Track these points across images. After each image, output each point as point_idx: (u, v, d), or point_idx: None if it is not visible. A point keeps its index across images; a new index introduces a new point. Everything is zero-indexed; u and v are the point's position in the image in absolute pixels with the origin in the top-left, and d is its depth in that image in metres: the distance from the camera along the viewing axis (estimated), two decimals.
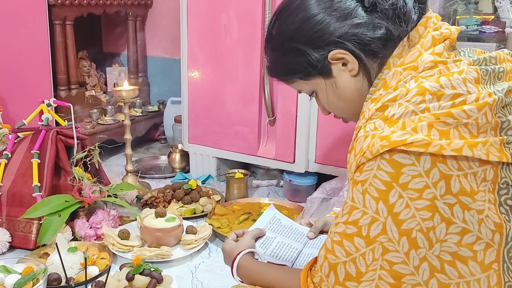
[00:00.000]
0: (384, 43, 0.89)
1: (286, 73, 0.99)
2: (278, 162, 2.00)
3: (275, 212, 1.31)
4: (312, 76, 0.95)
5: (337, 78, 0.93)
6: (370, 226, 0.79)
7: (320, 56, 0.91)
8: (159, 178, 2.27)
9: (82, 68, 2.71)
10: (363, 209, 0.79)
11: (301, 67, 0.94)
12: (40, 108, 1.77)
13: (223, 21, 1.98)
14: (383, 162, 0.77)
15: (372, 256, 0.79)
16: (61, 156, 1.68)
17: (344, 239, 0.82)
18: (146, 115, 2.71)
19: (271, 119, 1.99)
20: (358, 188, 0.80)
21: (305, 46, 0.92)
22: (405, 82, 0.84)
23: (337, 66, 0.92)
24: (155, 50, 2.87)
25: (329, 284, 0.84)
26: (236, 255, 1.09)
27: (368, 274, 0.79)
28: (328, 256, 0.84)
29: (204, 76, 2.09)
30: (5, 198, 1.60)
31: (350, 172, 0.84)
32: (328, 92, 0.96)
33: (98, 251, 1.53)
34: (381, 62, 0.91)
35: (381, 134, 0.79)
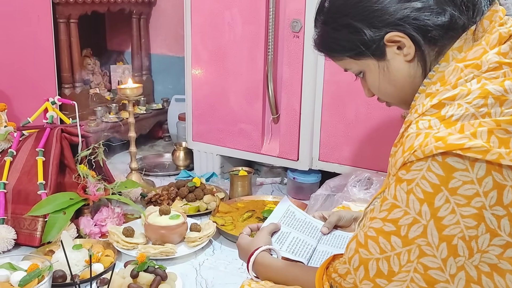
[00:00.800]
0: (445, 31, 0.84)
1: (336, 49, 0.95)
2: (282, 160, 2.00)
3: (289, 205, 1.29)
4: (364, 56, 0.91)
5: (390, 62, 0.89)
6: (410, 227, 0.76)
7: (376, 37, 0.87)
8: (163, 176, 2.27)
9: (87, 66, 2.72)
10: (406, 208, 0.77)
11: (354, 45, 0.90)
12: (45, 106, 1.78)
13: (227, 18, 1.98)
14: (434, 164, 0.74)
15: (407, 257, 0.77)
16: (65, 154, 1.69)
17: (380, 235, 0.80)
18: (150, 113, 2.71)
19: (275, 117, 1.99)
20: (402, 186, 0.77)
21: (362, 24, 0.87)
22: (466, 80, 0.79)
23: (392, 49, 0.88)
24: (159, 48, 2.87)
25: (357, 277, 0.82)
26: (253, 251, 1.08)
27: (400, 274, 0.78)
28: (360, 250, 0.82)
29: (208, 73, 2.09)
30: (10, 195, 1.61)
31: (394, 168, 0.80)
32: (379, 75, 0.91)
33: (102, 249, 1.53)
34: (439, 51, 0.86)
35: (436, 134, 0.75)
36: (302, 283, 0.96)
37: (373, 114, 1.77)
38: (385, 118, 1.75)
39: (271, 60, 1.92)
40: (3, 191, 1.60)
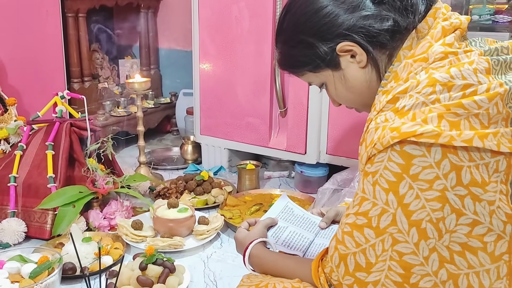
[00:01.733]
0: (391, 34, 0.89)
1: (296, 65, 1.00)
2: (290, 154, 2.01)
3: (288, 201, 1.31)
4: (321, 68, 0.95)
5: (346, 70, 0.93)
6: (380, 217, 0.79)
7: (329, 49, 0.91)
8: (171, 170, 2.29)
9: (95, 61, 2.73)
10: (373, 200, 0.80)
11: (310, 59, 0.95)
12: (54, 101, 1.80)
13: (234, 12, 1.98)
14: (393, 154, 0.77)
15: (382, 247, 0.79)
16: (75, 147, 1.71)
17: (354, 230, 0.82)
18: (159, 107, 2.73)
19: (283, 111, 1.99)
20: (368, 179, 0.81)
21: (314, 39, 0.92)
22: (415, 73, 0.83)
23: (345, 58, 0.92)
24: (167, 42, 2.88)
25: (339, 274, 0.85)
26: (248, 244, 1.10)
27: (378, 264, 0.80)
28: (339, 246, 0.85)
29: (216, 67, 2.09)
30: (20, 189, 1.63)
31: (361, 164, 0.84)
32: (337, 84, 0.96)
33: (111, 241, 1.55)
34: (390, 54, 0.91)
35: (391, 125, 0.78)
36: (298, 275, 0.98)
37: None
38: None
39: None
40: (14, 184, 1.62)
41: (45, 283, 1.21)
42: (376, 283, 0.80)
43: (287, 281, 0.97)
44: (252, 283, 0.98)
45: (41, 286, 1.21)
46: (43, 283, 1.21)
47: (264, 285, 0.96)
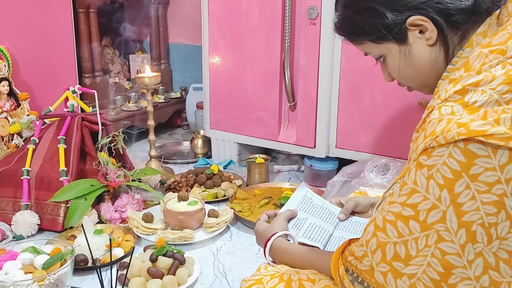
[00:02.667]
0: (469, 15, 0.83)
1: (357, 33, 0.93)
2: (299, 147, 2.01)
3: (307, 191, 1.30)
4: (385, 40, 0.89)
5: (412, 46, 0.88)
6: (429, 212, 0.76)
7: (398, 20, 0.86)
8: (182, 163, 2.30)
9: (106, 56, 2.75)
10: (425, 194, 0.76)
11: (374, 29, 0.89)
12: (66, 95, 1.82)
13: (244, 6, 1.98)
14: (456, 150, 0.73)
15: (425, 242, 0.77)
16: (86, 141, 1.73)
17: (398, 219, 0.79)
18: (169, 101, 2.74)
19: (292, 104, 1.99)
20: (423, 172, 0.77)
21: (384, 7, 0.86)
22: (490, 66, 0.77)
23: (413, 32, 0.86)
24: (177, 37, 2.89)
25: (374, 260, 0.83)
26: (269, 237, 1.09)
27: (417, 258, 0.78)
28: (378, 233, 0.82)
29: (225, 62, 2.10)
30: (33, 182, 1.65)
31: (415, 153, 0.80)
32: (400, 59, 0.90)
33: (123, 234, 1.57)
34: (462, 35, 0.85)
35: (459, 120, 0.74)
36: (317, 267, 0.97)
37: (390, 101, 1.76)
38: (402, 105, 1.74)
39: (288, 48, 1.92)
40: (27, 177, 1.65)
41: (58, 274, 1.24)
42: (412, 276, 0.78)
43: (303, 272, 0.96)
44: (268, 273, 0.99)
45: (54, 277, 1.23)
46: (56, 274, 1.23)
47: (279, 275, 0.96)
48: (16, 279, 1.21)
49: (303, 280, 0.94)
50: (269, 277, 0.97)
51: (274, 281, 0.95)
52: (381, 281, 0.82)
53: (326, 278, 0.94)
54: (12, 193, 1.65)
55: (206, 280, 1.37)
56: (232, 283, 1.36)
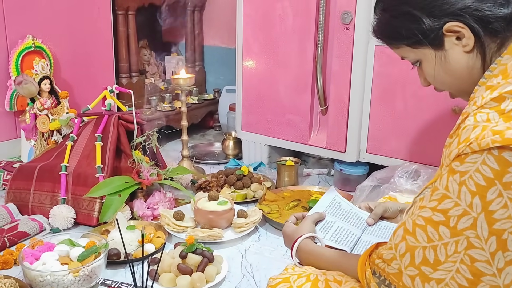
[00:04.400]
0: (508, 23, 0.83)
1: (394, 37, 0.95)
2: (329, 151, 2.02)
3: (335, 195, 1.30)
4: (421, 45, 0.90)
5: (448, 52, 0.88)
6: (460, 218, 0.76)
7: (435, 26, 0.86)
8: (213, 164, 2.34)
9: (143, 57, 2.82)
10: (457, 200, 0.76)
11: (411, 33, 0.89)
12: (104, 94, 1.88)
13: (278, 10, 2.01)
14: (489, 158, 0.73)
15: (454, 248, 0.77)
16: (122, 139, 1.78)
17: (428, 224, 0.80)
18: (202, 103, 2.79)
19: (323, 108, 2.01)
20: (455, 177, 0.77)
21: (421, 13, 0.87)
22: None
23: (450, 38, 0.87)
24: (212, 40, 2.94)
25: (402, 264, 0.83)
26: (296, 238, 1.11)
27: (446, 264, 0.78)
28: (407, 237, 0.83)
29: (258, 65, 2.13)
30: (71, 177, 1.71)
31: (448, 159, 0.80)
32: (436, 65, 0.91)
33: (154, 230, 1.61)
34: (501, 43, 0.85)
35: (494, 127, 0.74)
36: (344, 269, 0.98)
37: (422, 107, 1.75)
38: (434, 112, 1.73)
39: (321, 52, 1.93)
40: (65, 173, 1.71)
41: (92, 266, 1.29)
42: (440, 281, 0.79)
43: (330, 273, 0.97)
44: (295, 273, 1.00)
45: (88, 269, 1.28)
46: (90, 266, 1.28)
47: (306, 275, 0.98)
48: (52, 269, 1.27)
49: (330, 281, 0.96)
50: (296, 276, 0.98)
51: (301, 281, 0.97)
52: (409, 284, 0.82)
53: (352, 280, 0.95)
54: (51, 187, 1.71)
55: (233, 279, 1.40)
56: (259, 282, 1.38)
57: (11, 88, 1.98)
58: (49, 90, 2.02)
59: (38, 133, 1.99)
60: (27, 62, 2.00)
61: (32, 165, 1.77)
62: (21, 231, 1.58)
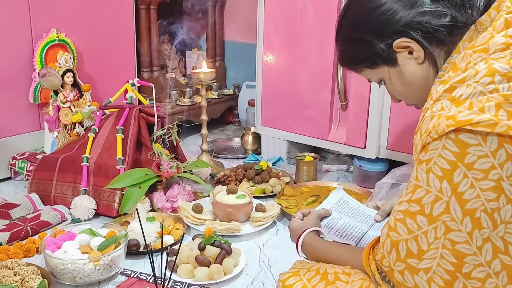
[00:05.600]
0: (449, 30, 0.90)
1: (354, 62, 1.03)
2: (349, 147, 2.01)
3: (343, 194, 1.33)
4: (378, 65, 0.97)
5: (403, 66, 0.95)
6: (433, 204, 0.79)
7: (385, 45, 0.94)
8: (231, 158, 2.35)
9: (164, 52, 2.84)
10: (427, 187, 0.80)
11: (367, 56, 0.97)
12: (125, 87, 1.90)
13: (299, 5, 2.00)
14: (448, 142, 0.77)
15: (434, 235, 0.80)
16: (142, 132, 1.80)
17: (406, 217, 0.83)
18: (222, 98, 2.80)
19: (344, 104, 2.00)
20: (422, 167, 0.81)
21: (371, 36, 0.95)
22: (474, 64, 0.83)
23: (402, 54, 0.94)
24: (232, 35, 2.95)
25: (390, 260, 0.86)
26: (301, 232, 1.13)
27: (429, 252, 0.81)
28: (391, 233, 0.86)
29: (279, 60, 2.13)
30: (92, 169, 1.74)
31: (416, 153, 0.85)
32: (394, 80, 0.98)
33: (173, 222, 1.63)
34: (449, 49, 0.91)
35: (447, 114, 0.79)
36: (348, 262, 1.00)
37: None
38: None
39: None
40: (86, 164, 1.74)
41: (112, 256, 1.31)
42: (428, 270, 0.81)
43: (338, 267, 0.99)
44: (304, 267, 1.02)
45: (108, 258, 1.30)
46: (110, 256, 1.30)
47: (316, 269, 0.99)
48: (73, 258, 1.29)
49: (339, 274, 0.98)
50: (306, 270, 1.00)
51: (310, 274, 0.98)
52: (400, 279, 0.85)
53: (360, 272, 0.97)
54: (72, 178, 1.74)
55: (251, 272, 1.41)
56: (276, 276, 1.38)
57: (35, 80, 2.01)
58: (72, 83, 2.05)
59: (60, 125, 2.02)
60: (51, 55, 2.03)
61: (55, 156, 1.80)
62: (43, 220, 1.61)
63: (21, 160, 1.99)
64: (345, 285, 0.96)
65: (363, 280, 0.95)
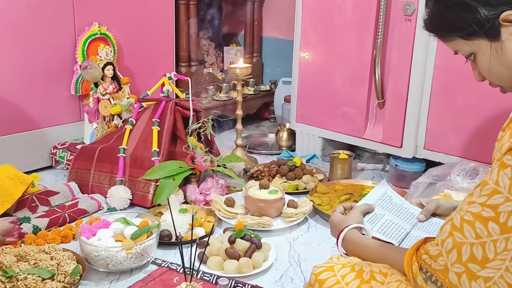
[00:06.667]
0: None
1: (447, 29, 0.92)
2: (385, 146, 1.98)
3: (387, 188, 1.28)
4: (476, 36, 0.87)
5: (505, 43, 0.84)
6: (511, 215, 0.74)
7: (491, 15, 0.83)
8: (265, 154, 2.36)
9: (202, 47, 2.86)
10: (508, 195, 0.74)
11: (466, 24, 0.87)
12: (162, 81, 1.93)
13: (338, 1, 1.98)
14: None
15: (504, 245, 0.74)
16: (178, 125, 1.83)
17: (477, 220, 0.77)
18: (258, 93, 2.81)
19: (380, 102, 1.96)
20: (506, 172, 0.74)
21: (476, 2, 0.84)
22: None
23: (508, 29, 0.83)
24: (270, 31, 2.95)
25: (449, 260, 0.81)
26: (343, 228, 1.10)
27: (495, 262, 0.76)
28: (454, 233, 0.81)
29: (315, 56, 2.11)
30: (128, 160, 1.77)
31: (499, 152, 0.78)
32: (492, 57, 0.87)
33: (205, 215, 1.64)
34: None
35: None
36: (390, 262, 0.96)
37: (485, 104, 1.68)
38: (496, 109, 1.65)
39: (380, 44, 1.89)
40: (123, 155, 1.77)
41: (144, 245, 1.33)
42: (488, 280, 0.76)
43: (375, 265, 0.96)
44: (340, 262, 1.00)
45: (140, 247, 1.32)
46: (142, 245, 1.33)
47: (351, 265, 0.97)
48: (107, 245, 1.32)
49: (375, 273, 0.94)
50: (341, 265, 0.97)
51: (345, 270, 0.96)
52: (455, 282, 0.80)
53: (398, 274, 0.93)
54: (109, 168, 1.78)
55: (280, 267, 1.40)
56: (306, 272, 1.38)
57: (77, 73, 2.07)
58: (112, 76, 2.09)
59: (100, 117, 2.07)
60: (92, 48, 2.08)
61: (93, 147, 1.85)
62: (80, 208, 1.66)
63: (61, 150, 2.05)
64: (380, 286, 0.92)
65: (399, 283, 0.91)
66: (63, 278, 1.22)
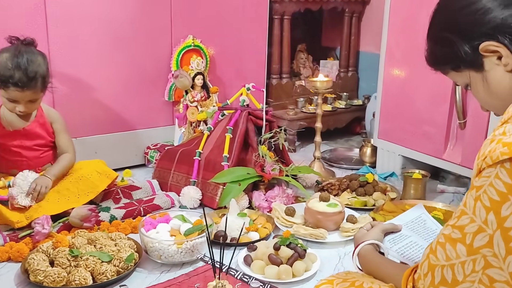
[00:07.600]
0: None
1: (438, 63, 0.96)
2: (464, 169, 1.88)
3: (422, 212, 1.26)
4: (464, 68, 0.89)
5: (489, 72, 0.85)
6: (476, 235, 0.74)
7: (470, 48, 0.85)
8: (346, 169, 2.35)
9: (299, 60, 2.94)
10: (472, 216, 0.75)
11: (449, 58, 0.90)
12: (241, 91, 2.04)
13: (423, 18, 1.92)
14: (502, 171, 0.71)
15: (472, 267, 0.74)
16: (250, 134, 1.92)
17: (447, 242, 0.78)
18: (349, 108, 2.80)
19: (462, 122, 1.86)
20: (472, 193, 0.76)
21: (455, 36, 0.87)
22: None
23: (490, 59, 0.84)
24: (367, 46, 2.93)
25: (425, 283, 0.82)
26: (360, 242, 1.12)
27: (464, 284, 0.75)
28: (430, 256, 0.82)
29: (399, 72, 2.08)
30: (202, 163, 1.91)
31: (472, 176, 0.79)
32: (478, 86, 0.88)
33: (264, 221, 1.71)
34: None
35: (506, 140, 0.72)
36: (393, 281, 0.96)
37: None
38: None
39: None
40: (198, 158, 1.91)
41: (194, 241, 1.44)
42: None
43: (377, 283, 0.97)
44: (341, 277, 1.01)
45: (190, 243, 1.43)
46: (192, 241, 1.43)
47: (352, 281, 0.98)
48: (160, 238, 1.45)
49: None
50: (341, 280, 0.99)
51: (344, 285, 0.97)
52: None
53: None
54: (186, 170, 1.93)
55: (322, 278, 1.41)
56: None
57: (171, 81, 2.26)
58: (201, 85, 2.26)
59: (187, 122, 2.24)
60: (186, 59, 2.26)
61: (176, 149, 2.02)
62: (155, 204, 1.83)
63: (153, 150, 2.26)
64: None
65: None
66: (118, 263, 1.37)
